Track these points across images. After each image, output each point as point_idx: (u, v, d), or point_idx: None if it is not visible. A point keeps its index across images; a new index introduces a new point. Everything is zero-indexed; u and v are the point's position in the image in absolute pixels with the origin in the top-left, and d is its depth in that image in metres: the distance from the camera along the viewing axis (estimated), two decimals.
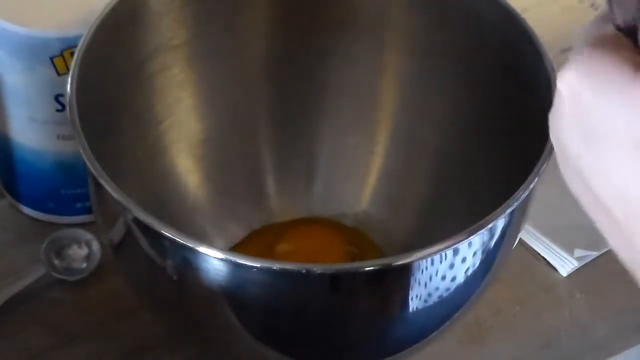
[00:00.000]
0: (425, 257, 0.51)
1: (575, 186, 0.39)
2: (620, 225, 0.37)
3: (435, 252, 0.51)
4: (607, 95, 0.37)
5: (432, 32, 0.65)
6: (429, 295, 0.53)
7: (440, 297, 0.54)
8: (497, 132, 0.63)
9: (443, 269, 0.52)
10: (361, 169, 0.70)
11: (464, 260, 0.53)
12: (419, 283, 0.52)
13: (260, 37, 0.68)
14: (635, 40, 0.38)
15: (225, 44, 0.66)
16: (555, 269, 0.72)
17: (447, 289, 0.54)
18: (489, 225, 0.51)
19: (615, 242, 0.39)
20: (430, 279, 0.52)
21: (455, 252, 0.52)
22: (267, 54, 0.68)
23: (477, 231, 0.51)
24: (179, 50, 0.65)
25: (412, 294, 0.53)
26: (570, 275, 0.71)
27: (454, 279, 0.53)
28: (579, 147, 0.38)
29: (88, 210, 0.69)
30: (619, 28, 0.38)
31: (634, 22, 0.38)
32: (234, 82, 0.68)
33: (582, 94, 0.37)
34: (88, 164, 0.52)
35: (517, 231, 0.57)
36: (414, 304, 0.53)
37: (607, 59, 0.37)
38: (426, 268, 0.51)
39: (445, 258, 0.52)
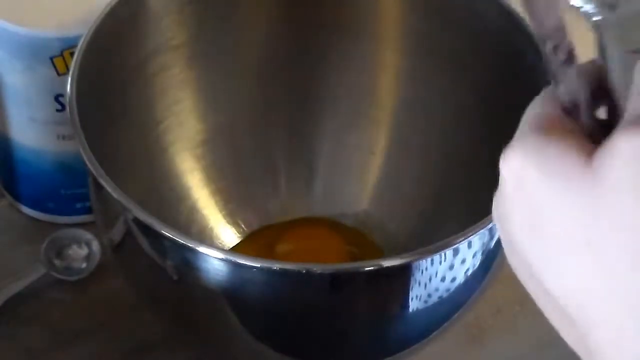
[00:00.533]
0: (425, 257, 0.51)
1: (523, 275, 0.36)
2: (575, 323, 0.35)
3: (435, 252, 0.51)
4: (555, 187, 0.34)
5: (432, 32, 0.65)
6: (429, 295, 0.53)
7: (440, 297, 0.54)
8: (497, 131, 0.63)
9: (443, 269, 0.52)
10: (361, 169, 0.70)
11: (464, 260, 0.53)
12: (419, 283, 0.52)
13: (260, 38, 0.68)
14: (578, 119, 0.36)
15: (225, 44, 0.66)
16: None
17: (447, 289, 0.54)
18: (489, 225, 0.51)
19: (570, 339, 0.36)
20: (430, 279, 0.52)
21: (455, 252, 0.52)
22: (266, 54, 0.68)
23: (477, 231, 0.51)
24: (179, 50, 0.65)
25: (412, 294, 0.53)
26: None
27: (454, 279, 0.53)
28: (525, 237, 0.35)
29: (88, 210, 0.69)
30: (565, 109, 0.37)
31: (576, 101, 0.37)
32: (233, 83, 0.68)
33: (527, 180, 0.35)
34: (88, 164, 0.52)
35: None
36: (413, 304, 0.53)
37: (554, 146, 0.34)
38: (426, 268, 0.51)
39: (446, 258, 0.52)
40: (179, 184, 0.67)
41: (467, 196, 0.65)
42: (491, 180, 0.62)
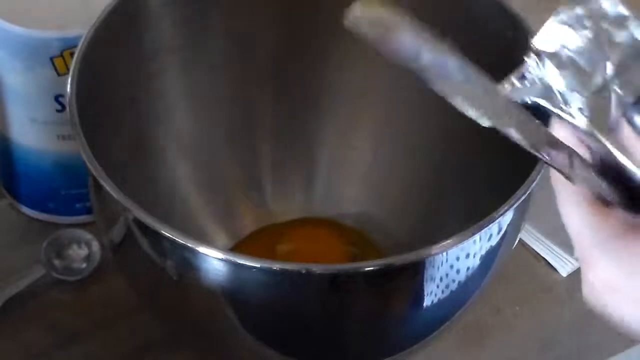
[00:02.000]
0: (424, 258, 0.51)
1: None
2: None
3: (434, 253, 0.51)
4: None
5: (431, 32, 0.65)
6: (429, 295, 0.53)
7: (440, 297, 0.54)
8: (497, 131, 0.63)
9: (443, 269, 0.52)
10: (361, 169, 0.70)
11: (464, 260, 0.53)
12: (419, 283, 0.52)
13: (260, 38, 0.67)
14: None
15: (224, 45, 0.66)
16: (555, 269, 0.71)
17: (447, 290, 0.54)
18: (490, 225, 0.51)
19: None
20: (431, 279, 0.52)
21: (456, 252, 0.52)
22: (266, 55, 0.68)
23: (477, 232, 0.51)
24: (178, 51, 0.65)
25: (412, 294, 0.53)
26: (570, 275, 0.71)
27: (453, 279, 0.53)
28: None
29: (88, 210, 0.69)
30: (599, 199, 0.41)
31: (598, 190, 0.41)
32: (233, 83, 0.68)
33: (623, 282, 0.39)
34: (88, 164, 0.52)
35: (517, 231, 0.57)
36: (413, 305, 0.53)
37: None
38: (426, 269, 0.51)
39: (446, 259, 0.52)
40: (178, 184, 0.67)
41: (467, 196, 0.65)
42: (491, 180, 0.62)
